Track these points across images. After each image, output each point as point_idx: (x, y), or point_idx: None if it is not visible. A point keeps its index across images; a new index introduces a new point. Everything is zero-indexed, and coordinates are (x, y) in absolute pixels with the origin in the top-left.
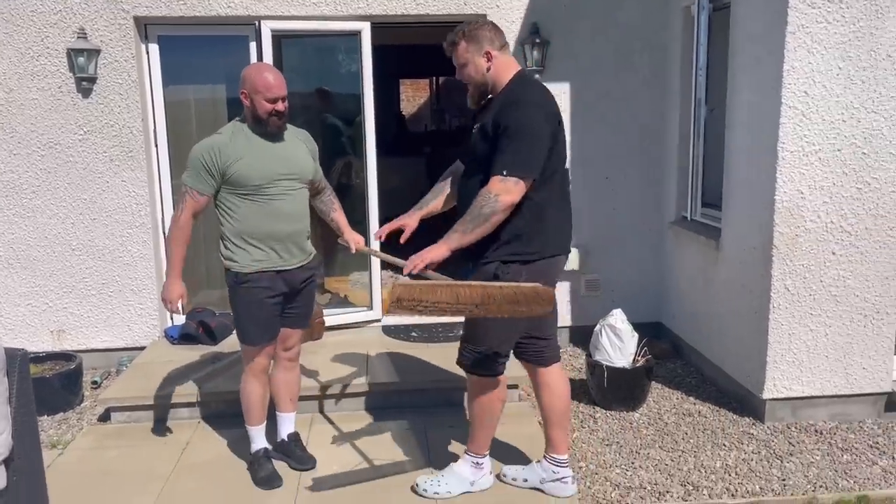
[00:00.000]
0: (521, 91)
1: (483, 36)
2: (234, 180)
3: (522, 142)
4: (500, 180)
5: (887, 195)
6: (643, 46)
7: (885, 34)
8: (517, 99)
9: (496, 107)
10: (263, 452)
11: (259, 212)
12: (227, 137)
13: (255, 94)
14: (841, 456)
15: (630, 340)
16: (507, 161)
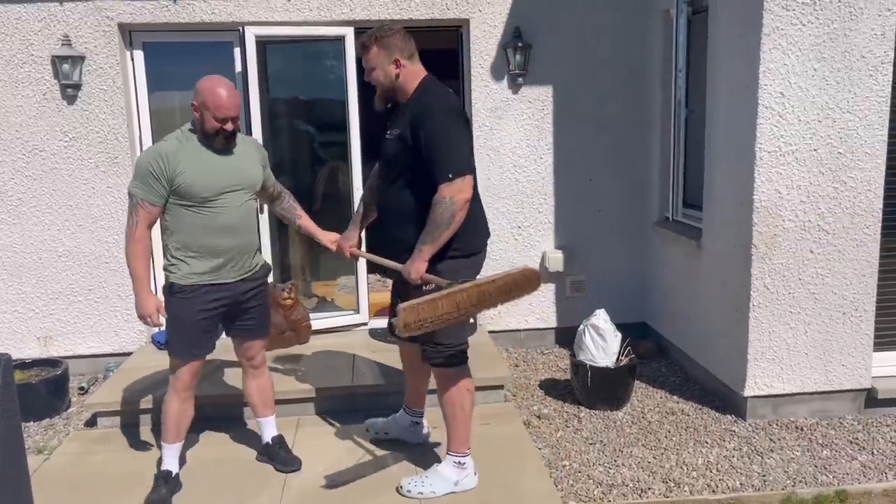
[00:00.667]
0: (432, 99)
1: (394, 44)
2: (180, 191)
3: (452, 145)
4: (448, 185)
5: (863, 194)
6: (624, 49)
7: (859, 35)
8: (431, 106)
9: (409, 115)
10: (165, 477)
11: (203, 225)
12: (174, 146)
13: (206, 109)
14: (821, 451)
15: (613, 340)
16: (446, 166)
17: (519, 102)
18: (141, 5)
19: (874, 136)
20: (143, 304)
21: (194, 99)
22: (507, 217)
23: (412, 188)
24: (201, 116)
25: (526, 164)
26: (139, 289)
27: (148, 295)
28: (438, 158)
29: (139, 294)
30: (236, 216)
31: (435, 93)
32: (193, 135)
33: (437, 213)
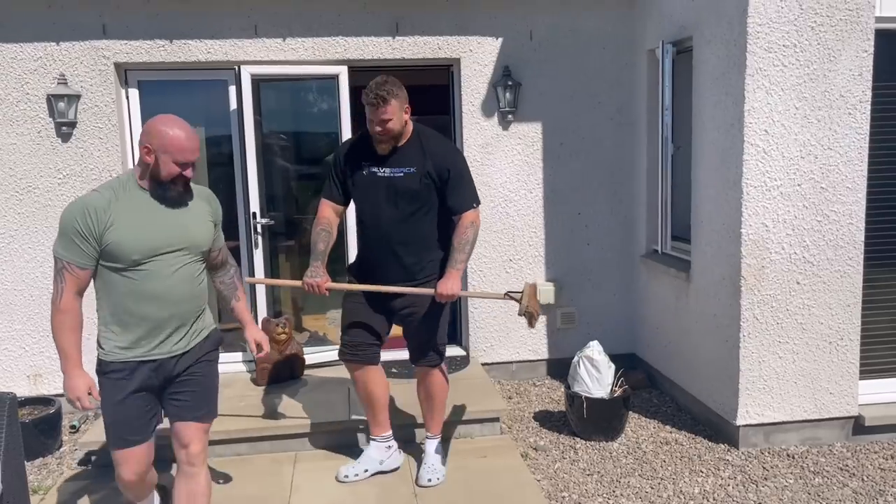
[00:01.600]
0: (444, 141)
1: (404, 95)
2: (108, 251)
3: (470, 179)
4: (473, 212)
5: (845, 227)
6: (611, 87)
7: (838, 76)
8: (452, 148)
9: (429, 155)
10: None
11: (132, 291)
12: (106, 197)
13: (164, 152)
14: (813, 479)
15: (607, 371)
16: (470, 196)
17: (509, 139)
18: (137, 45)
19: (854, 172)
20: (71, 385)
21: (147, 142)
22: (498, 250)
23: (432, 217)
24: (156, 161)
25: (516, 198)
26: (67, 367)
27: (77, 373)
28: (464, 188)
29: (67, 373)
30: (169, 282)
31: (439, 135)
32: (136, 184)
33: (470, 234)
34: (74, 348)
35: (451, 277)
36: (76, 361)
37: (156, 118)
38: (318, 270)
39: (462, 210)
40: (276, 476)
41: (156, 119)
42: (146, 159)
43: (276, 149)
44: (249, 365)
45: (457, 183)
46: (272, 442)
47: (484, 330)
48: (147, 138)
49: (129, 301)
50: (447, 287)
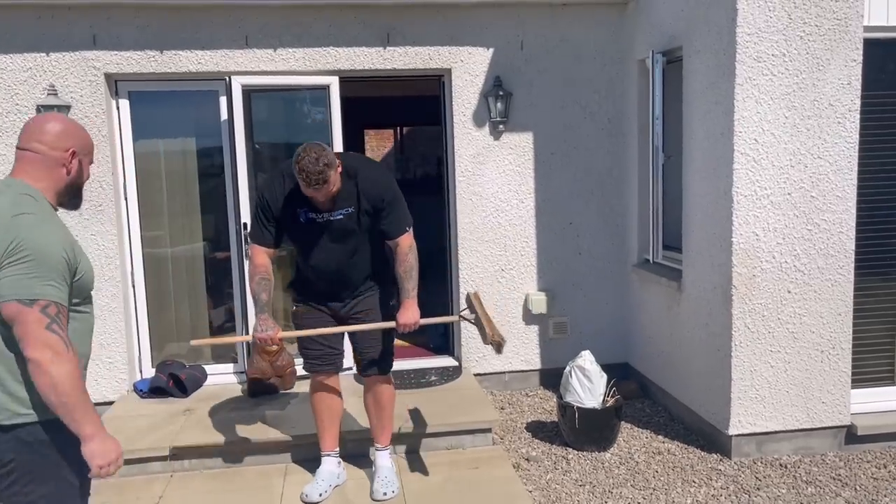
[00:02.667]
0: (369, 167)
1: (334, 158)
2: (78, 286)
3: (402, 203)
4: (408, 236)
5: (835, 235)
6: (602, 97)
7: (827, 85)
8: (376, 176)
9: (359, 192)
10: None
11: (86, 331)
12: (56, 218)
13: (87, 154)
14: (806, 489)
15: (599, 381)
16: (403, 220)
17: (500, 148)
18: (128, 55)
19: (844, 181)
20: (108, 446)
21: (67, 143)
22: (490, 260)
23: (374, 238)
24: (79, 166)
25: (508, 208)
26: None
27: (105, 434)
28: (399, 215)
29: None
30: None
31: (365, 163)
32: (45, 202)
33: (412, 260)
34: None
35: (407, 308)
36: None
37: (47, 117)
38: (268, 323)
39: (396, 235)
40: (266, 488)
41: (56, 117)
42: (71, 166)
43: (266, 159)
44: (240, 376)
45: (390, 210)
46: (262, 454)
47: (476, 340)
48: (66, 140)
49: (85, 342)
50: (407, 317)
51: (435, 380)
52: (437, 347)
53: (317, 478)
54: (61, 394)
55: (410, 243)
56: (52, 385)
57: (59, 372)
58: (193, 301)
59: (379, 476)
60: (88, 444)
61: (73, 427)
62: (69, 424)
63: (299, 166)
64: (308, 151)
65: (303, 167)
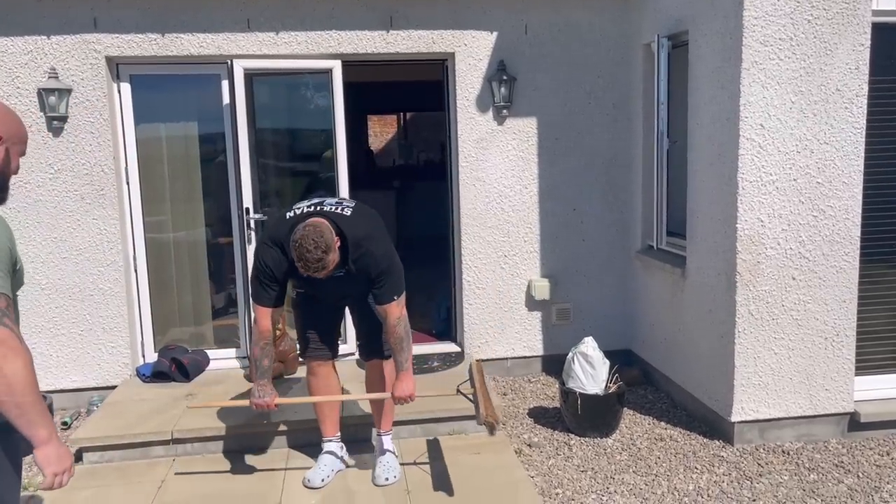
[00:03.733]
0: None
1: (331, 235)
2: (16, 280)
3: (393, 272)
4: (396, 306)
5: (841, 222)
6: (607, 82)
7: (834, 70)
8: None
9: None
10: None
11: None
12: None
13: (18, 142)
14: (808, 475)
15: (602, 367)
16: (391, 289)
17: (504, 134)
18: (129, 38)
19: (851, 167)
20: (64, 456)
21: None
22: (493, 246)
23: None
24: (5, 154)
25: (511, 194)
26: (52, 433)
27: (58, 442)
28: (389, 285)
29: (53, 439)
30: None
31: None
32: None
33: (401, 331)
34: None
35: (403, 380)
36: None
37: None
38: (266, 389)
39: (383, 303)
40: (269, 473)
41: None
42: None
43: (268, 144)
44: (243, 361)
45: (380, 281)
46: (264, 439)
47: (479, 326)
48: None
49: None
50: (402, 390)
51: (437, 365)
52: (439, 333)
53: (319, 463)
54: (15, 393)
55: (399, 315)
56: (5, 384)
57: (13, 369)
58: (196, 286)
59: (381, 461)
60: (43, 448)
61: (26, 430)
62: (22, 427)
63: (297, 254)
64: (306, 239)
65: (300, 255)
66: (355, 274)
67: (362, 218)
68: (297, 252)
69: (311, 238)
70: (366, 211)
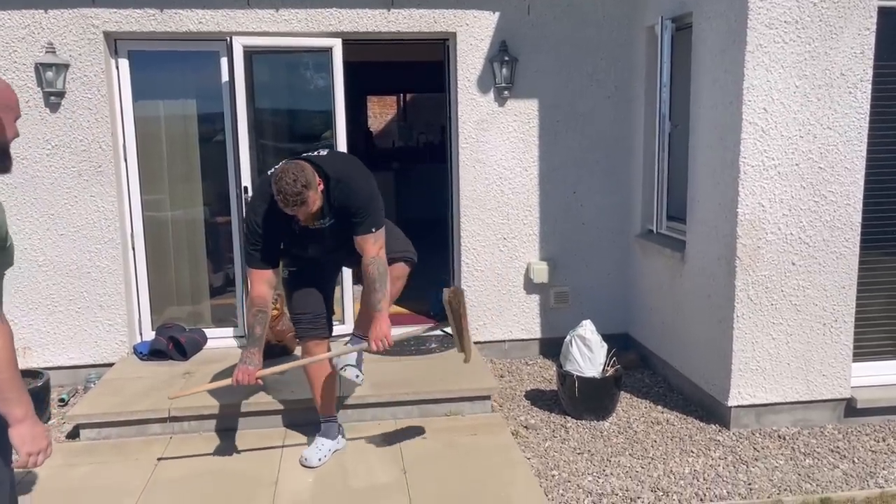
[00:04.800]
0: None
1: (312, 178)
2: (6, 257)
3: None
4: (373, 241)
5: (842, 208)
6: (609, 64)
7: (839, 54)
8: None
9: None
10: None
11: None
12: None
13: (8, 110)
14: (804, 460)
15: (599, 351)
16: (370, 222)
17: (505, 115)
18: (127, 14)
19: (853, 152)
20: (39, 435)
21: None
22: (492, 228)
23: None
24: (0, 125)
25: (511, 176)
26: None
27: (34, 419)
28: (367, 220)
29: (28, 418)
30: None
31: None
32: None
33: (373, 272)
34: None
35: (378, 321)
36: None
37: None
38: (253, 358)
39: (359, 233)
40: (266, 451)
41: None
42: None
43: (268, 124)
44: (240, 340)
45: (360, 214)
46: (262, 417)
47: (477, 308)
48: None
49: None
50: (377, 332)
51: (434, 347)
52: (437, 315)
53: (316, 442)
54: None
55: (375, 254)
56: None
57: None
58: (193, 265)
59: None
60: (18, 427)
61: (2, 407)
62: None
63: (276, 187)
64: (286, 173)
65: (280, 188)
66: (340, 220)
67: (342, 158)
68: (276, 186)
69: (291, 171)
70: (346, 155)
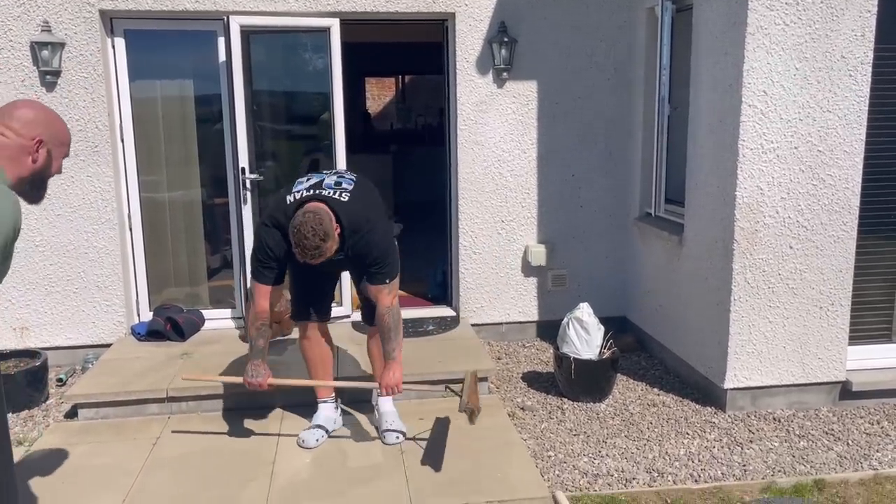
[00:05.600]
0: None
1: (331, 226)
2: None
3: (387, 260)
4: (387, 293)
5: (841, 191)
6: (608, 46)
7: (840, 36)
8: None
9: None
10: None
11: None
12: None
13: (60, 146)
14: (798, 442)
15: (596, 333)
16: (383, 274)
17: (503, 97)
18: None
19: (853, 135)
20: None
21: (35, 131)
22: (490, 211)
23: None
24: (48, 156)
25: (510, 158)
26: None
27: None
28: (382, 271)
29: None
30: None
31: (357, 224)
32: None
33: (388, 321)
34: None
35: (391, 369)
36: None
37: (25, 103)
38: (259, 369)
39: (374, 283)
40: (263, 432)
41: (29, 104)
42: (36, 156)
43: (265, 105)
44: (238, 321)
45: (374, 265)
46: (260, 398)
47: (474, 291)
48: (35, 127)
49: None
50: (390, 379)
51: (433, 329)
52: (435, 297)
53: (313, 423)
54: None
55: (389, 304)
56: None
57: None
58: (191, 246)
59: (386, 420)
60: None
61: None
62: None
63: (295, 239)
64: (304, 225)
65: (298, 241)
66: (352, 257)
67: (361, 203)
68: (295, 238)
69: (311, 225)
70: (364, 192)
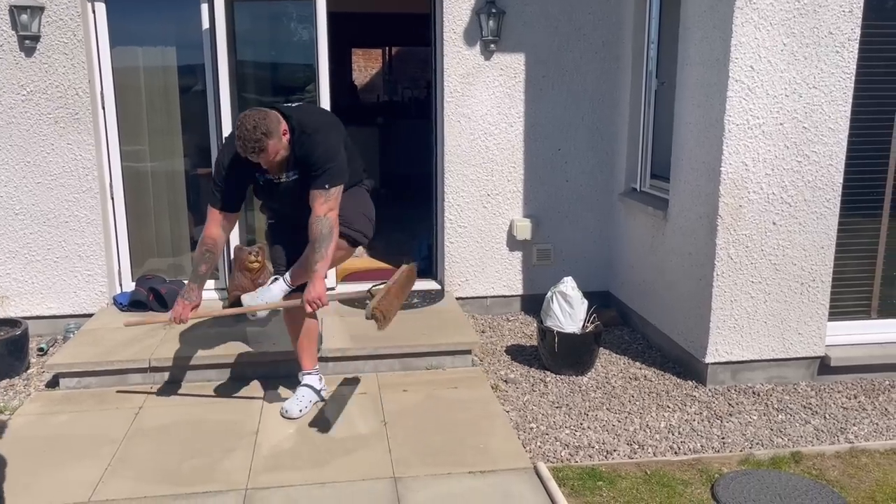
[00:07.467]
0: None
1: (274, 126)
2: None
3: (330, 165)
4: (324, 199)
5: (825, 168)
6: (597, 19)
7: (828, 12)
8: (309, 141)
9: (299, 159)
10: None
11: None
12: None
13: None
14: (776, 416)
15: (580, 307)
16: (324, 178)
17: (491, 69)
18: None
19: (838, 112)
20: None
21: None
22: (476, 185)
23: None
24: None
25: (496, 131)
26: None
27: None
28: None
29: None
30: None
31: (305, 127)
32: None
33: (318, 229)
34: None
35: (312, 283)
36: None
37: None
38: (193, 293)
39: (315, 187)
40: (246, 402)
41: None
42: None
43: (250, 76)
44: (222, 293)
45: (315, 167)
46: (243, 369)
47: (459, 264)
48: None
49: None
50: (310, 292)
51: (417, 302)
52: (420, 271)
53: (297, 394)
54: None
55: (323, 213)
56: None
57: None
58: (174, 217)
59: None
60: None
61: None
62: None
63: (237, 133)
64: (247, 118)
65: (239, 134)
66: (304, 175)
67: (315, 111)
68: (238, 132)
69: (253, 118)
70: (322, 109)
